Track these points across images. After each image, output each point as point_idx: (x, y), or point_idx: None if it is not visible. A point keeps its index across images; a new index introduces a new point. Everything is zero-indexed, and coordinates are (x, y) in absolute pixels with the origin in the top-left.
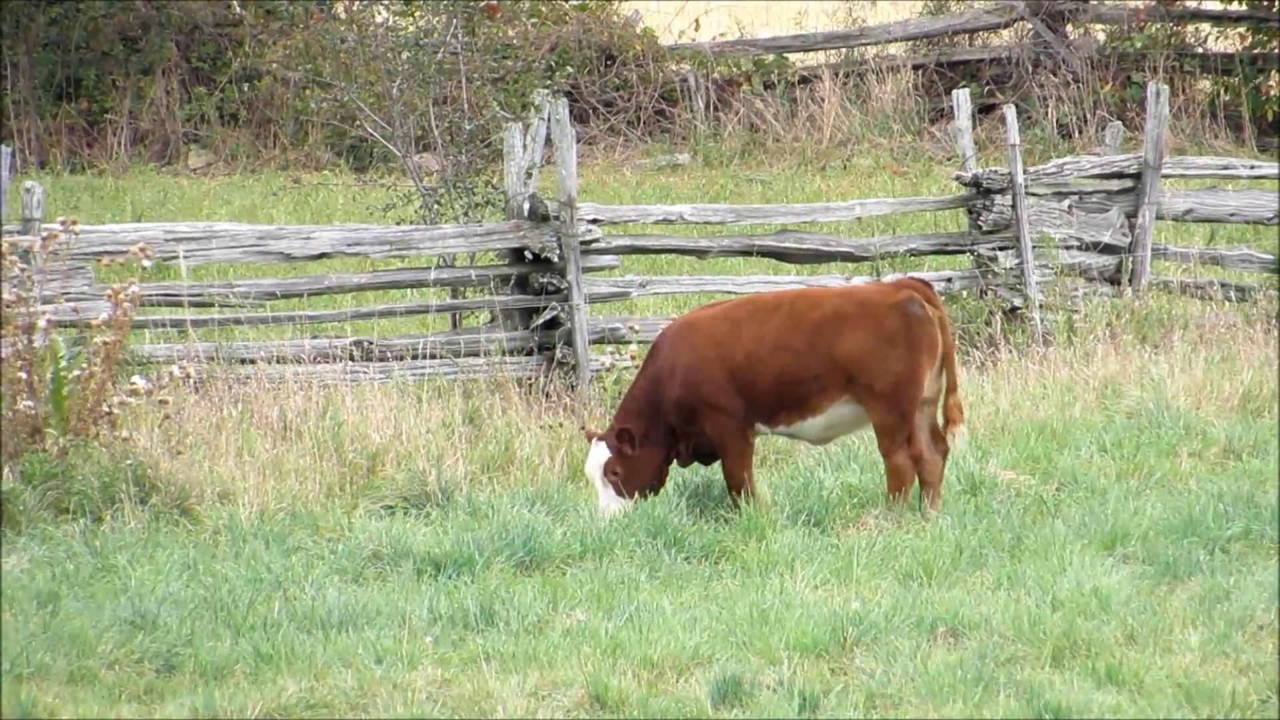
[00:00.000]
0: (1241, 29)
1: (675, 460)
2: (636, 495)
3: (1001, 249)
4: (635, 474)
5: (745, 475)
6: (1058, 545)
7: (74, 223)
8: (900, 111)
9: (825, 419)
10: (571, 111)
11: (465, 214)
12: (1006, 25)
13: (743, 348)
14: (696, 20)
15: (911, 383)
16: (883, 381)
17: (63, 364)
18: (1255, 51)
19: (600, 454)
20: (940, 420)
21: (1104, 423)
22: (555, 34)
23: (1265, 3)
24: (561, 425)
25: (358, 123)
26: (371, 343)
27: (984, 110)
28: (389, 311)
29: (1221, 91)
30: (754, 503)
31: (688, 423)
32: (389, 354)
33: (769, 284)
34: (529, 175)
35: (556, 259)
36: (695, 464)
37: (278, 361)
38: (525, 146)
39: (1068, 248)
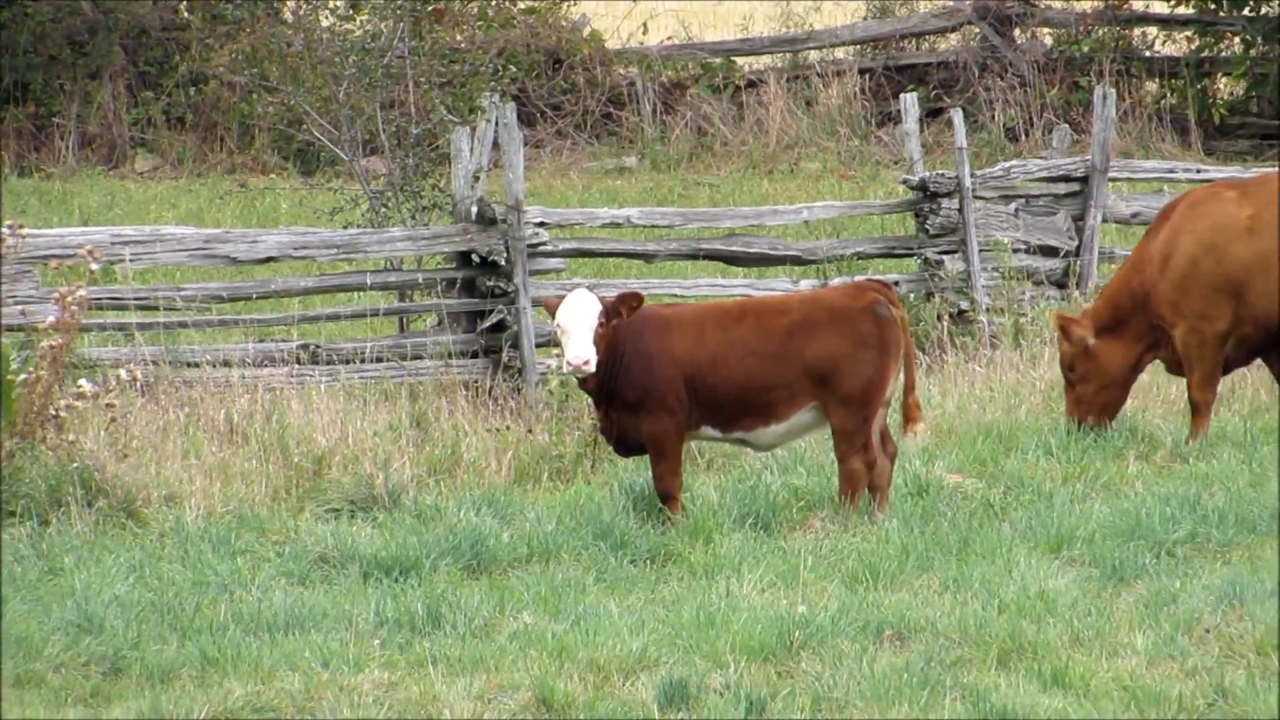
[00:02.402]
0: (1188, 32)
1: (598, 421)
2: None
3: (948, 252)
4: (606, 349)
5: (676, 486)
6: (1004, 548)
7: (21, 226)
8: (847, 115)
9: (787, 425)
10: (519, 115)
11: (412, 217)
12: (954, 29)
13: (707, 352)
14: (644, 24)
15: (879, 386)
16: (852, 385)
17: (11, 367)
18: (1202, 55)
19: (592, 303)
20: (901, 419)
21: (1050, 426)
22: (503, 38)
23: (1212, 6)
24: (508, 428)
25: (304, 127)
26: (318, 346)
27: (931, 114)
28: (336, 315)
29: (1168, 95)
30: (681, 517)
31: (629, 409)
32: (335, 357)
33: (716, 287)
34: (476, 179)
35: (503, 262)
36: (641, 466)
37: (224, 365)
38: (472, 150)
39: (1015, 251)
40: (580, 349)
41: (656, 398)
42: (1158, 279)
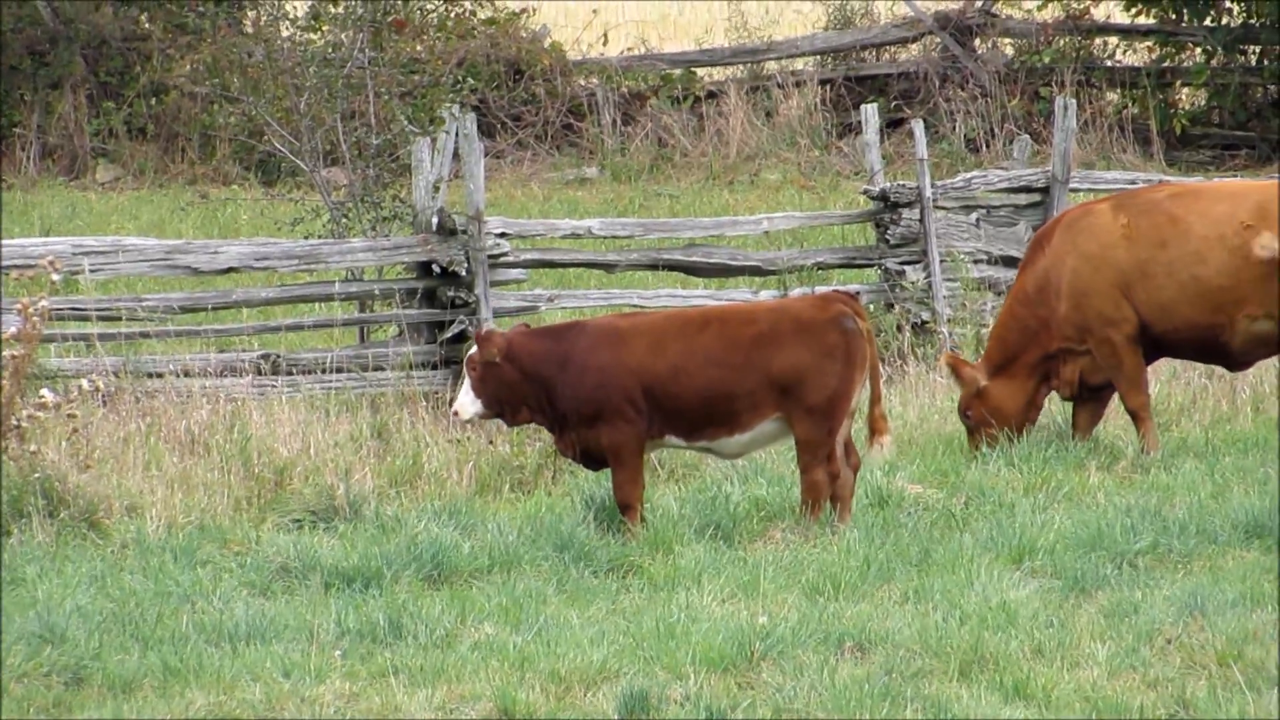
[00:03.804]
0: (1149, 43)
1: (557, 446)
2: (488, 409)
3: (909, 263)
4: (498, 389)
5: (636, 496)
6: (965, 559)
7: None
8: (807, 126)
9: (751, 435)
10: (479, 126)
11: (373, 228)
12: (914, 40)
13: (667, 362)
14: (605, 34)
15: (844, 398)
16: (818, 397)
17: None
18: (1163, 65)
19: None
20: (867, 431)
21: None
22: (463, 48)
23: (1173, 17)
24: (469, 439)
25: (265, 137)
26: (279, 356)
27: (892, 124)
28: (297, 325)
29: (1129, 105)
30: (640, 528)
31: (586, 423)
32: (296, 368)
33: (677, 298)
34: (436, 189)
35: (464, 273)
36: (602, 478)
37: (185, 375)
38: (433, 161)
39: (976, 261)
40: (460, 398)
41: (612, 409)
42: (1055, 306)
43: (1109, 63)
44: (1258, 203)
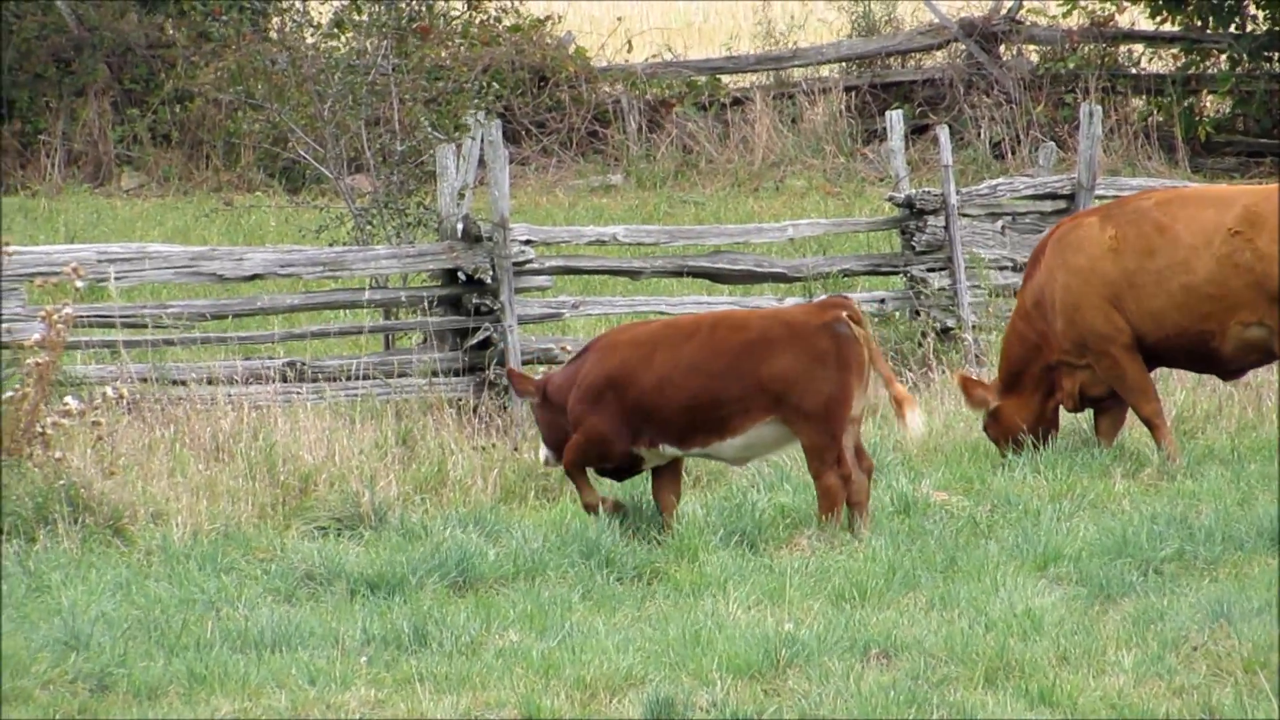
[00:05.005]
0: (1174, 50)
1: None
2: (553, 453)
3: (934, 270)
4: (546, 432)
5: (593, 500)
6: (990, 566)
7: (7, 244)
8: (833, 133)
9: (745, 440)
10: (504, 132)
11: (398, 235)
12: (939, 47)
13: (653, 374)
14: (629, 42)
15: (842, 403)
16: (813, 403)
17: None
18: (1188, 72)
19: None
20: (894, 414)
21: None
22: (488, 55)
23: (1198, 24)
24: (494, 446)
25: (290, 144)
26: (304, 364)
27: (917, 131)
28: (322, 333)
29: (1154, 112)
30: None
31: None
32: (321, 375)
33: (702, 305)
34: (462, 196)
35: (489, 280)
36: (631, 482)
37: (210, 382)
38: (458, 167)
39: (1001, 269)
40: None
41: (589, 407)
42: (1051, 321)
43: (1134, 70)
44: (1245, 207)
